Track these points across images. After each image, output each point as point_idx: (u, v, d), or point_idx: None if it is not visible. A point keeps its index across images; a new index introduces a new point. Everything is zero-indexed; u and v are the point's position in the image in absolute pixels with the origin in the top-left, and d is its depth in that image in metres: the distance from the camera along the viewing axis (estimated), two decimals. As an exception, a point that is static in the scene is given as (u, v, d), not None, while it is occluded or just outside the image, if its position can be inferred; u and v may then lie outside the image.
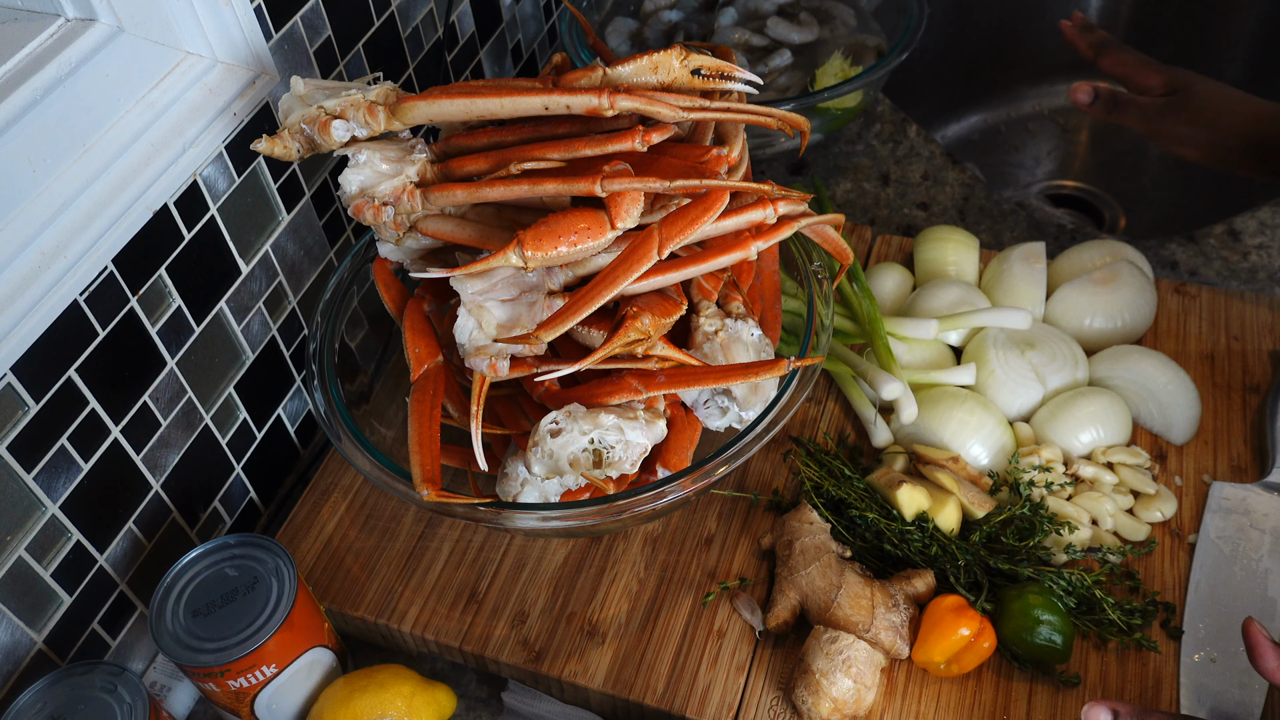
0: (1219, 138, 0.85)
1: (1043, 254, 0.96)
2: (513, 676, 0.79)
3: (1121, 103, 0.90)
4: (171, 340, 0.79)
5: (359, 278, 0.86)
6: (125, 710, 0.66)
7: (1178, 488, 0.84)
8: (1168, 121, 0.87)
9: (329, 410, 0.78)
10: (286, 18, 0.83)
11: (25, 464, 0.69)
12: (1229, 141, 0.85)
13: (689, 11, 1.23)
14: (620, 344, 0.69)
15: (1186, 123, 0.86)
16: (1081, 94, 0.91)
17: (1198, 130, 0.86)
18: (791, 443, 0.89)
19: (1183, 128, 0.86)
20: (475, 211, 0.76)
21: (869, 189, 1.16)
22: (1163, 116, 0.87)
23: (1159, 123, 0.88)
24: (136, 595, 0.81)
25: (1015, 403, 0.88)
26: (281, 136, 0.73)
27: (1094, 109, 0.90)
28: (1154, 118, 0.88)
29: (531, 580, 0.82)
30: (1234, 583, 0.78)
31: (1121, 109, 0.90)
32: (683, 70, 0.70)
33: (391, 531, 0.86)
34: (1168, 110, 0.87)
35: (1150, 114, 0.88)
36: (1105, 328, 0.92)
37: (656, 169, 0.72)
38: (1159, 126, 0.88)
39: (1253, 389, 0.90)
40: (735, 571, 0.81)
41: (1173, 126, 0.87)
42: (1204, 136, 0.86)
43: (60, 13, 0.73)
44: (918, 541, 0.78)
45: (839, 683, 0.71)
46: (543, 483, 0.74)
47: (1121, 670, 0.74)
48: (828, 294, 0.81)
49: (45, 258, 0.68)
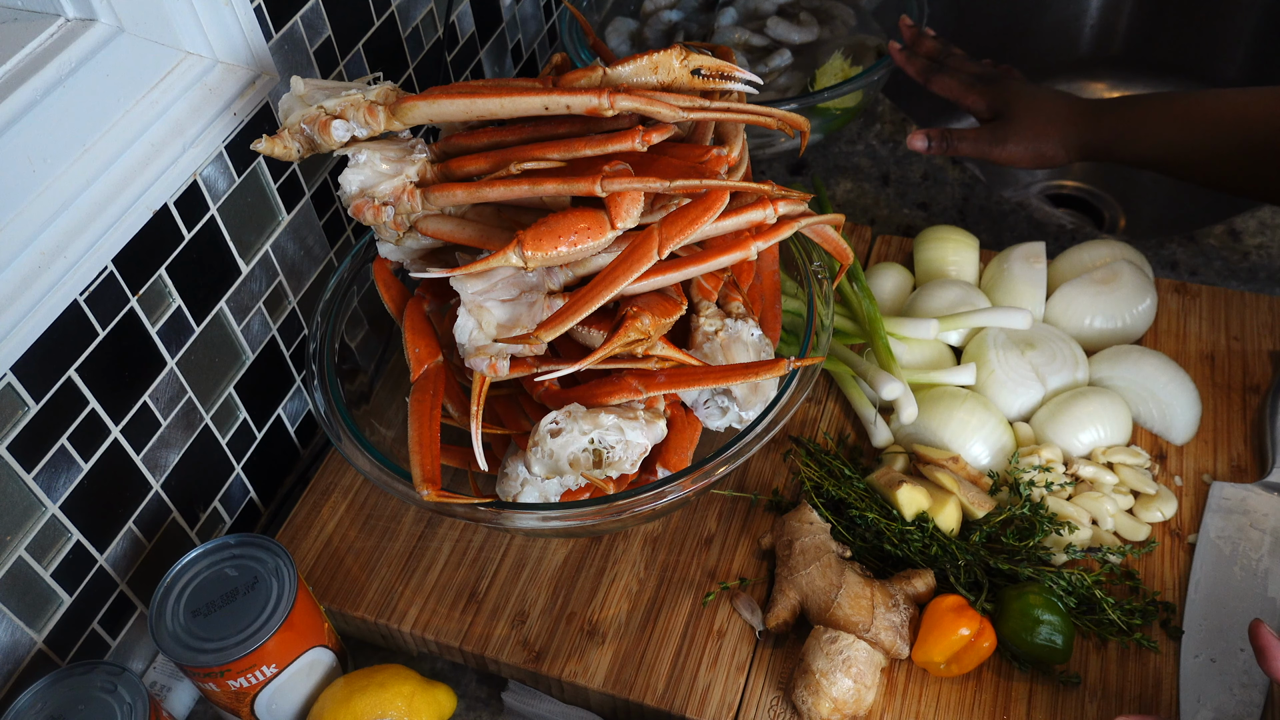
0: (1039, 149, 0.92)
1: (1043, 254, 0.96)
2: (513, 676, 0.79)
3: (952, 140, 0.96)
4: (171, 340, 0.79)
5: (359, 278, 0.86)
6: (125, 710, 0.66)
7: (1178, 488, 0.84)
8: (994, 148, 0.94)
9: (329, 410, 0.78)
10: (286, 18, 0.83)
11: (25, 464, 0.69)
12: (1048, 151, 0.92)
13: (689, 11, 1.23)
14: (620, 344, 0.69)
15: (1013, 143, 0.93)
16: (917, 141, 0.97)
17: (1021, 148, 0.92)
18: (791, 443, 0.89)
19: (1009, 148, 0.93)
20: (475, 211, 0.76)
21: (869, 189, 1.16)
22: (990, 143, 0.94)
23: (988, 149, 0.94)
24: (136, 595, 0.81)
25: (1015, 403, 0.88)
26: (281, 136, 0.73)
27: (933, 150, 0.97)
28: (983, 146, 0.94)
29: (531, 580, 0.82)
30: (1234, 583, 0.78)
31: (954, 146, 0.96)
32: (683, 70, 0.70)
33: (391, 531, 0.86)
34: (993, 137, 0.93)
35: (980, 143, 0.95)
36: (1105, 328, 0.92)
37: (656, 169, 0.72)
38: (990, 152, 0.94)
39: (1253, 389, 0.90)
40: (735, 571, 0.81)
41: (1001, 152, 0.93)
42: (1029, 152, 0.92)
43: (60, 13, 0.73)
44: (918, 541, 0.78)
45: (839, 683, 0.71)
46: (543, 483, 0.74)
47: (1121, 670, 0.74)
48: (828, 294, 0.81)
49: (45, 258, 0.68)
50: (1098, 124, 0.90)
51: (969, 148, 0.95)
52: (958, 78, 0.98)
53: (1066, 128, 0.91)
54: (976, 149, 0.95)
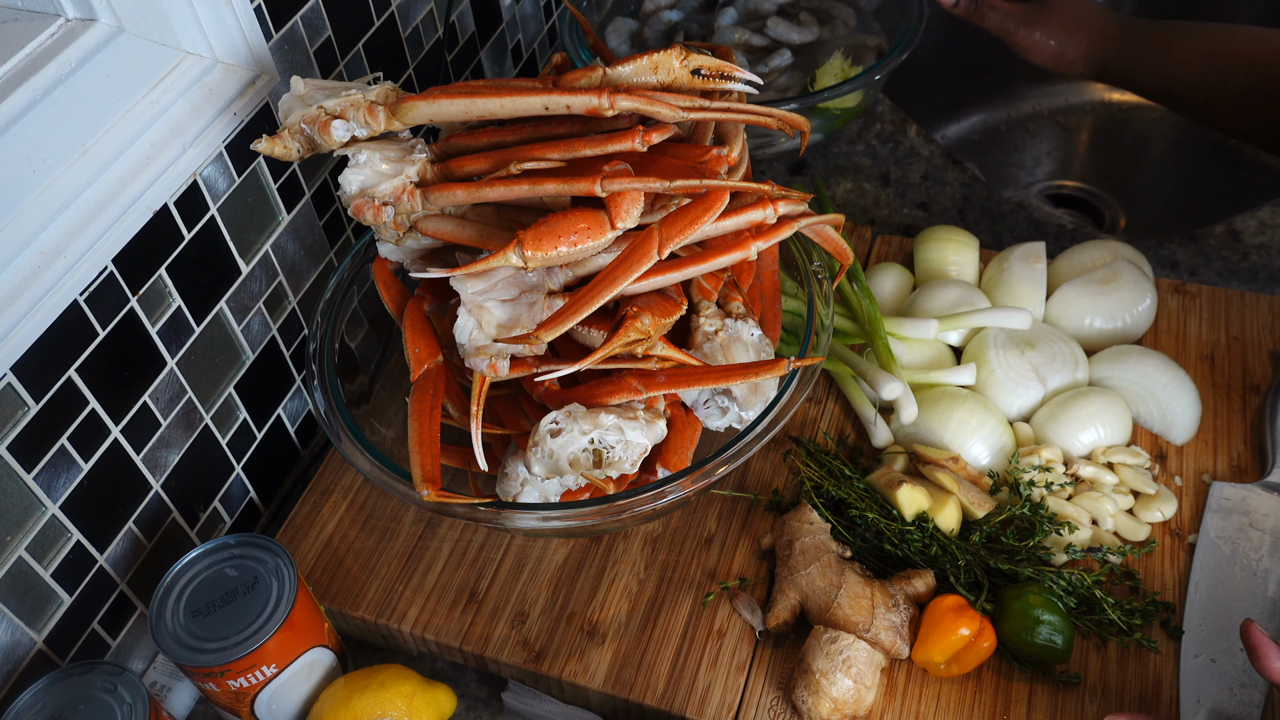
0: (1063, 49, 0.91)
1: (1043, 254, 0.96)
2: (513, 676, 0.79)
3: (982, 6, 0.94)
4: (171, 340, 0.79)
5: (359, 278, 0.86)
6: (125, 710, 0.66)
7: (1178, 488, 0.84)
8: (1021, 29, 0.92)
9: (329, 410, 0.78)
10: (286, 18, 0.83)
11: (25, 464, 0.69)
12: (1070, 54, 0.91)
13: (689, 11, 1.23)
14: (620, 344, 0.69)
15: (1041, 31, 0.91)
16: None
17: (1047, 39, 0.91)
18: (791, 443, 0.89)
19: (1035, 35, 0.91)
20: (475, 211, 0.76)
21: (869, 189, 1.16)
22: (1018, 23, 0.92)
23: (1014, 29, 0.93)
24: (136, 595, 0.81)
25: (1015, 403, 0.88)
26: (281, 136, 0.73)
27: (958, 10, 0.94)
28: (1010, 24, 0.93)
29: (531, 580, 0.82)
30: (1234, 583, 0.78)
31: (981, 13, 0.94)
32: (683, 70, 0.70)
33: (391, 531, 0.86)
34: (1023, 18, 0.92)
35: (1008, 20, 0.93)
36: (1105, 328, 0.92)
37: (656, 169, 0.72)
38: (1014, 32, 0.93)
39: (1253, 389, 0.90)
40: (735, 571, 0.81)
41: (1025, 36, 0.92)
42: (1052, 47, 0.91)
43: (60, 13, 0.73)
44: (918, 541, 0.78)
45: (839, 683, 0.71)
46: (543, 483, 0.74)
47: (1121, 670, 0.74)
48: (828, 294, 0.81)
49: (45, 258, 0.68)
50: (1126, 44, 0.88)
51: (996, 20, 0.93)
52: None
53: (1096, 38, 0.89)
54: (1003, 25, 0.92)
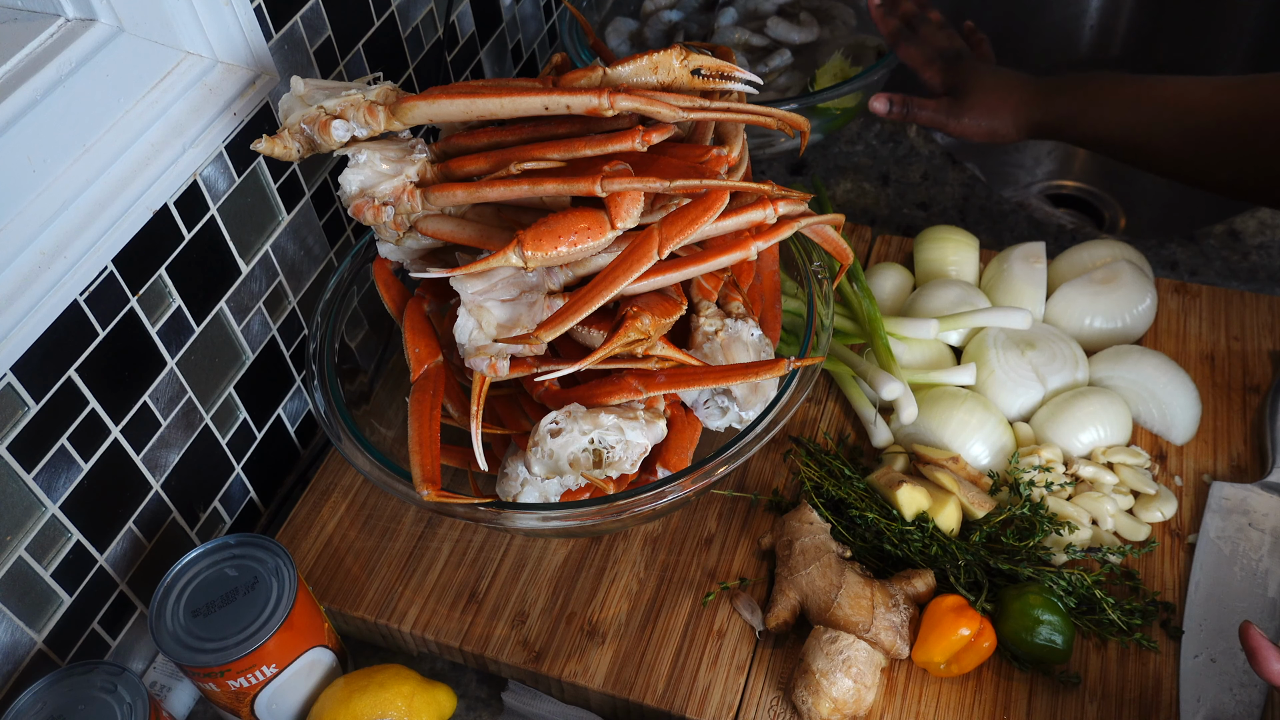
0: (993, 125, 0.95)
1: (1043, 254, 0.96)
2: (513, 676, 0.79)
3: (912, 108, 0.98)
4: (171, 340, 0.79)
5: (359, 278, 0.86)
6: (125, 710, 0.66)
7: (1178, 488, 0.84)
8: (951, 120, 0.96)
9: (329, 410, 0.78)
10: (286, 18, 0.83)
11: (25, 464, 0.69)
12: (1002, 129, 0.94)
13: (689, 11, 1.23)
14: (620, 344, 0.69)
15: (969, 116, 0.95)
16: (878, 104, 0.99)
17: (977, 121, 0.95)
18: (791, 443, 0.89)
19: (965, 121, 0.95)
20: (475, 211, 0.76)
21: (869, 189, 1.16)
22: (947, 115, 0.96)
23: (945, 121, 0.97)
24: (136, 595, 0.81)
25: (1015, 403, 0.88)
26: (281, 136, 0.73)
27: (893, 115, 0.99)
28: (940, 118, 0.97)
29: (531, 580, 0.82)
30: (1234, 583, 0.78)
31: (913, 114, 0.99)
32: (683, 70, 0.70)
33: (391, 531, 0.86)
34: (950, 110, 0.96)
35: (938, 115, 0.97)
36: (1105, 328, 0.92)
37: (656, 169, 0.72)
38: (946, 124, 0.97)
39: (1253, 389, 0.90)
40: (735, 571, 0.81)
41: (956, 125, 0.96)
42: (984, 127, 0.95)
43: (60, 13, 0.73)
44: (918, 541, 0.78)
45: (839, 683, 0.71)
46: (543, 483, 0.74)
47: (1121, 670, 0.74)
48: (828, 294, 0.81)
49: (45, 258, 0.68)
50: (1049, 104, 0.92)
51: (927, 117, 0.98)
52: (923, 50, 1.00)
53: (1019, 107, 0.93)
54: (934, 119, 0.97)
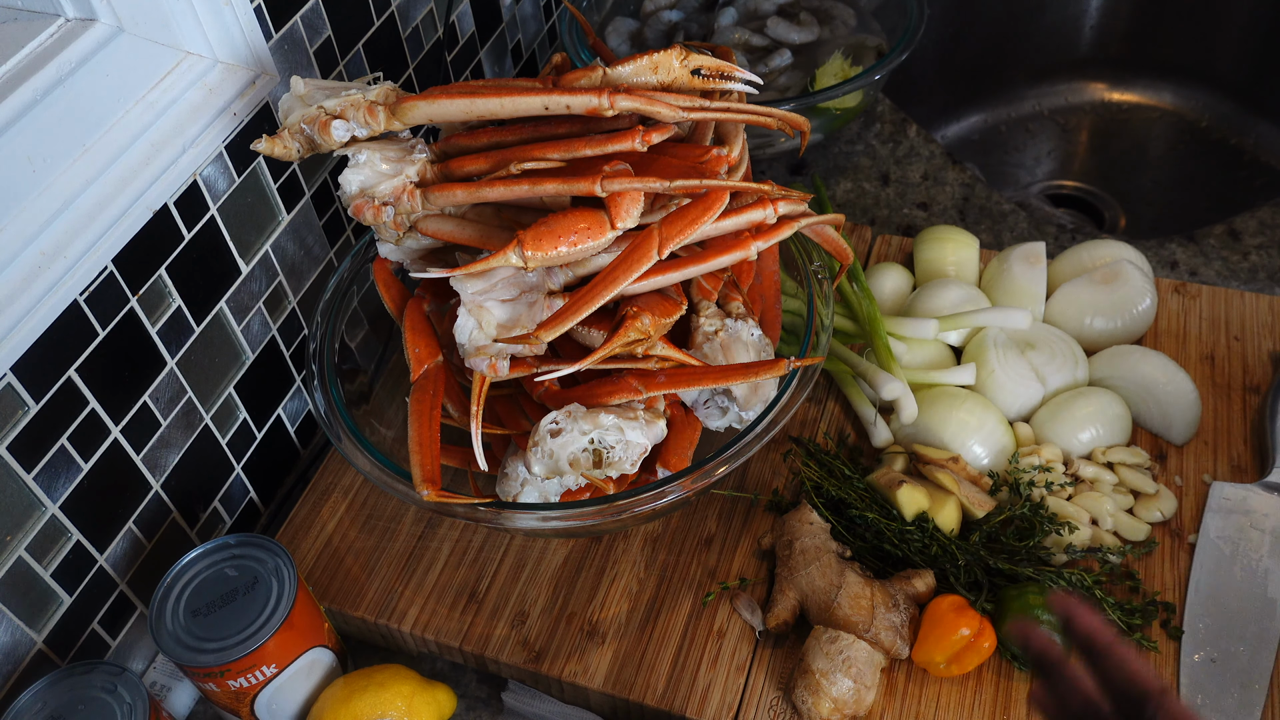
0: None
1: (1043, 254, 0.96)
2: (513, 676, 0.79)
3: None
4: (171, 340, 0.79)
5: (359, 278, 0.86)
6: (125, 710, 0.66)
7: (1178, 488, 0.84)
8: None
9: (329, 410, 0.78)
10: (286, 18, 0.83)
11: (25, 464, 0.69)
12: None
13: (689, 11, 1.23)
14: (620, 344, 0.69)
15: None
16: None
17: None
18: (791, 443, 0.89)
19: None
20: (475, 211, 0.76)
21: (869, 189, 1.16)
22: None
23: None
24: (136, 595, 0.81)
25: (1015, 403, 0.88)
26: (281, 136, 0.73)
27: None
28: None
29: (531, 580, 0.82)
30: (1234, 583, 0.78)
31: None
32: (683, 70, 0.70)
33: (391, 531, 0.86)
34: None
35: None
36: (1105, 328, 0.92)
37: (656, 169, 0.72)
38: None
39: (1253, 389, 0.90)
40: (735, 571, 0.81)
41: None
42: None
43: (60, 13, 0.73)
44: (918, 541, 0.78)
45: (839, 683, 0.70)
46: (543, 483, 0.74)
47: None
48: (828, 294, 0.81)
49: (45, 258, 0.68)
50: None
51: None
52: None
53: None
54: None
